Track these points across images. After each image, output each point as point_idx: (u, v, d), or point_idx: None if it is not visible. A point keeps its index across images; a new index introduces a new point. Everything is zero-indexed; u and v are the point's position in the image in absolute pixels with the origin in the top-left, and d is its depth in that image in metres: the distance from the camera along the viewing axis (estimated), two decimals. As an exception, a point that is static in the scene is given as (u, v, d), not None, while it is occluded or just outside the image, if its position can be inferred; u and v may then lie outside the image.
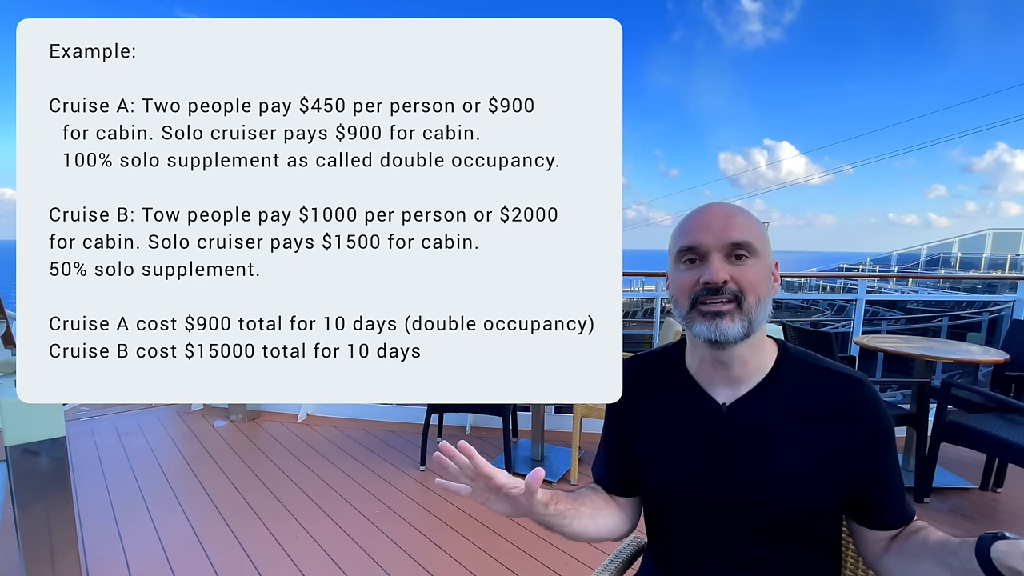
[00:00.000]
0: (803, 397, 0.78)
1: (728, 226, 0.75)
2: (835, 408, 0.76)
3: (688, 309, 0.77)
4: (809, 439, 0.76)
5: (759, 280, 0.75)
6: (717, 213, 0.77)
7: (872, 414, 0.76)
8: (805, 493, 0.75)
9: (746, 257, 0.75)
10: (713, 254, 0.74)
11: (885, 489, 0.78)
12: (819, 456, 0.75)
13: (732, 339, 0.74)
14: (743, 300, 0.74)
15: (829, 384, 0.78)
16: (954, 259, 20.63)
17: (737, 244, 0.74)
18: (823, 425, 0.76)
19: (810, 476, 0.75)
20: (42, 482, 1.31)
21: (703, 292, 0.74)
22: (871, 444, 0.76)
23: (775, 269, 0.80)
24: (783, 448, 0.76)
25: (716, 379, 0.81)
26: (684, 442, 0.82)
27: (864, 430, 0.75)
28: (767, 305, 0.76)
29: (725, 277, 0.73)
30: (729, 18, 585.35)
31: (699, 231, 0.76)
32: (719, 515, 0.78)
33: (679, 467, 0.82)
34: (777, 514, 0.76)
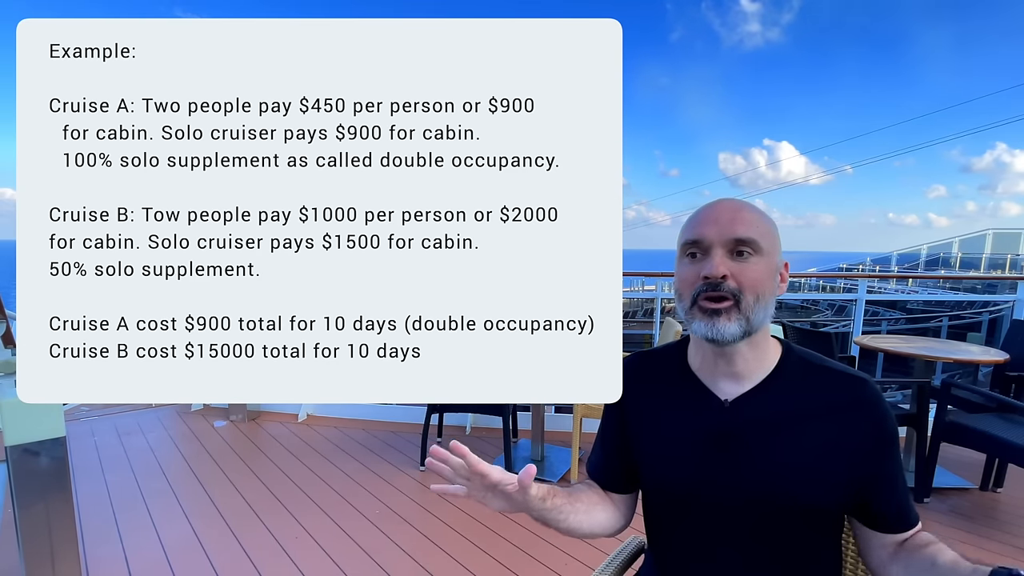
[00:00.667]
0: (806, 395, 0.78)
1: (734, 220, 0.74)
2: (838, 407, 0.76)
3: (690, 304, 0.76)
4: (810, 437, 0.76)
5: (760, 279, 0.74)
6: (725, 208, 0.77)
7: (875, 414, 0.75)
8: (804, 491, 0.75)
9: (749, 254, 0.74)
10: (715, 248, 0.74)
11: (888, 490, 0.77)
12: (820, 454, 0.75)
13: (730, 338, 0.73)
14: (741, 298, 0.73)
15: (832, 383, 0.78)
16: (954, 259, 20.63)
17: (740, 240, 0.74)
18: (825, 423, 0.76)
19: (810, 474, 0.75)
20: (42, 482, 1.31)
21: (703, 287, 0.74)
22: (873, 444, 0.75)
23: (784, 270, 0.79)
24: (784, 445, 0.76)
25: (718, 375, 0.81)
26: (685, 438, 0.82)
27: (867, 429, 0.75)
28: (769, 305, 0.76)
29: (724, 272, 0.73)
30: (728, 19, 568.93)
31: (704, 225, 0.76)
32: (719, 512, 0.78)
33: (679, 464, 0.82)
34: (776, 512, 0.76)
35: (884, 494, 0.77)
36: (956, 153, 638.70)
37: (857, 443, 0.75)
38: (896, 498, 0.77)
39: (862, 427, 0.75)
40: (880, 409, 0.76)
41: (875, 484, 0.77)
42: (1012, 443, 2.15)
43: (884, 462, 0.76)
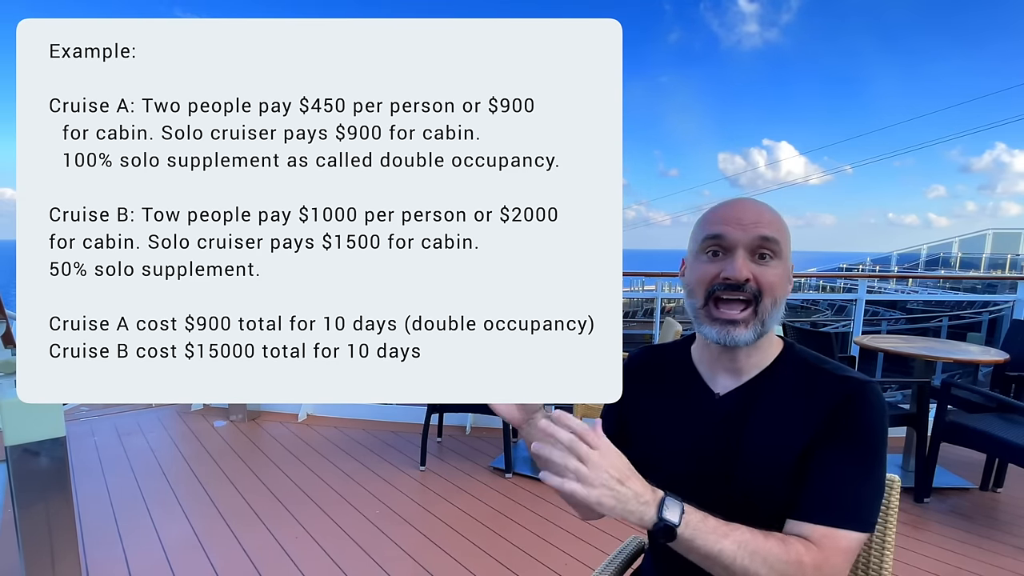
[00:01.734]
0: (794, 393, 0.77)
1: (759, 222, 0.74)
2: (822, 404, 0.74)
3: (703, 302, 0.76)
4: (789, 434, 0.74)
5: (779, 282, 0.74)
6: (749, 207, 0.76)
7: (856, 411, 0.72)
8: (781, 485, 0.73)
9: (770, 257, 0.74)
10: (739, 249, 0.74)
11: (819, 477, 0.71)
12: (793, 451, 0.73)
13: (742, 344, 0.74)
14: (760, 301, 0.73)
15: (824, 383, 0.77)
16: (954, 259, 20.63)
17: (765, 239, 0.73)
18: (806, 420, 0.74)
19: (783, 469, 0.73)
20: (42, 482, 1.31)
21: (721, 287, 0.74)
22: (833, 430, 0.72)
23: (791, 271, 0.80)
24: (764, 440, 0.76)
25: (718, 369, 0.81)
26: (677, 433, 0.82)
27: (836, 419, 0.72)
28: (782, 307, 0.76)
29: (748, 275, 0.73)
30: (726, 19, 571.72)
31: (728, 223, 0.75)
32: (711, 507, 0.76)
33: (671, 458, 0.82)
34: (763, 506, 0.75)
35: (813, 479, 0.71)
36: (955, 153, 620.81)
37: (817, 429, 0.72)
38: (823, 489, 0.71)
39: (834, 419, 0.72)
40: (864, 409, 0.72)
41: (809, 465, 0.71)
42: (1012, 443, 2.15)
43: (833, 449, 0.71)
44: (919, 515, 2.37)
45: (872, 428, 0.72)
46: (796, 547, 0.67)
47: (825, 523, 0.69)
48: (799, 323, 4.51)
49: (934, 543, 2.15)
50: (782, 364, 0.80)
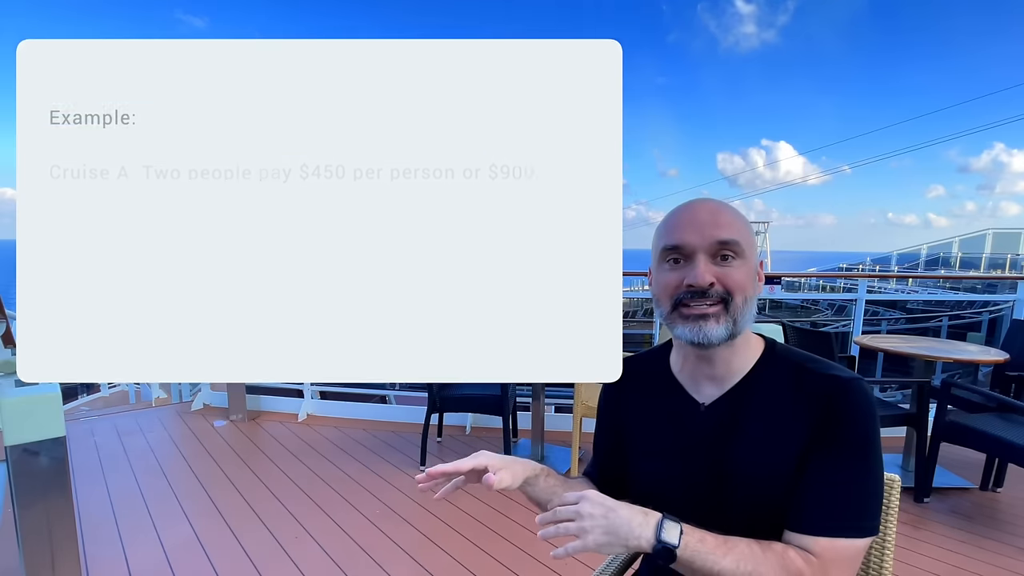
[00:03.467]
0: (781, 395, 0.75)
1: (715, 224, 0.73)
2: (810, 405, 0.72)
3: (670, 310, 0.75)
4: (776, 438, 0.73)
5: (746, 280, 0.73)
6: (703, 210, 0.75)
7: (843, 411, 0.70)
8: (771, 493, 0.72)
9: (732, 257, 0.73)
10: (699, 255, 0.72)
11: (815, 486, 0.70)
12: (785, 455, 0.72)
13: (715, 341, 0.72)
14: (731, 301, 0.72)
15: (810, 382, 0.74)
16: (954, 259, 20.61)
17: (724, 243, 0.72)
18: (797, 424, 0.72)
19: (773, 475, 0.72)
20: (42, 482, 1.31)
21: (686, 294, 0.73)
22: (823, 434, 0.70)
23: (760, 268, 0.78)
24: (750, 447, 0.74)
25: (699, 378, 0.80)
26: (666, 448, 0.82)
27: (825, 422, 0.70)
28: (753, 306, 0.75)
29: (711, 280, 0.71)
30: (724, 20, 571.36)
31: (684, 230, 0.74)
32: (706, 521, 0.71)
33: (661, 473, 0.82)
34: (747, 514, 0.74)
35: (808, 489, 0.70)
36: (954, 153, 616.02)
37: (807, 434, 0.71)
38: (820, 500, 0.69)
39: (822, 421, 0.70)
40: (853, 409, 0.70)
41: (805, 474, 0.70)
42: (1012, 443, 2.15)
43: (827, 456, 0.70)
44: (919, 515, 2.36)
45: (862, 426, 0.70)
46: (796, 562, 0.66)
47: (825, 535, 0.67)
48: (799, 323, 4.50)
49: (934, 543, 2.15)
50: (765, 366, 0.78)
